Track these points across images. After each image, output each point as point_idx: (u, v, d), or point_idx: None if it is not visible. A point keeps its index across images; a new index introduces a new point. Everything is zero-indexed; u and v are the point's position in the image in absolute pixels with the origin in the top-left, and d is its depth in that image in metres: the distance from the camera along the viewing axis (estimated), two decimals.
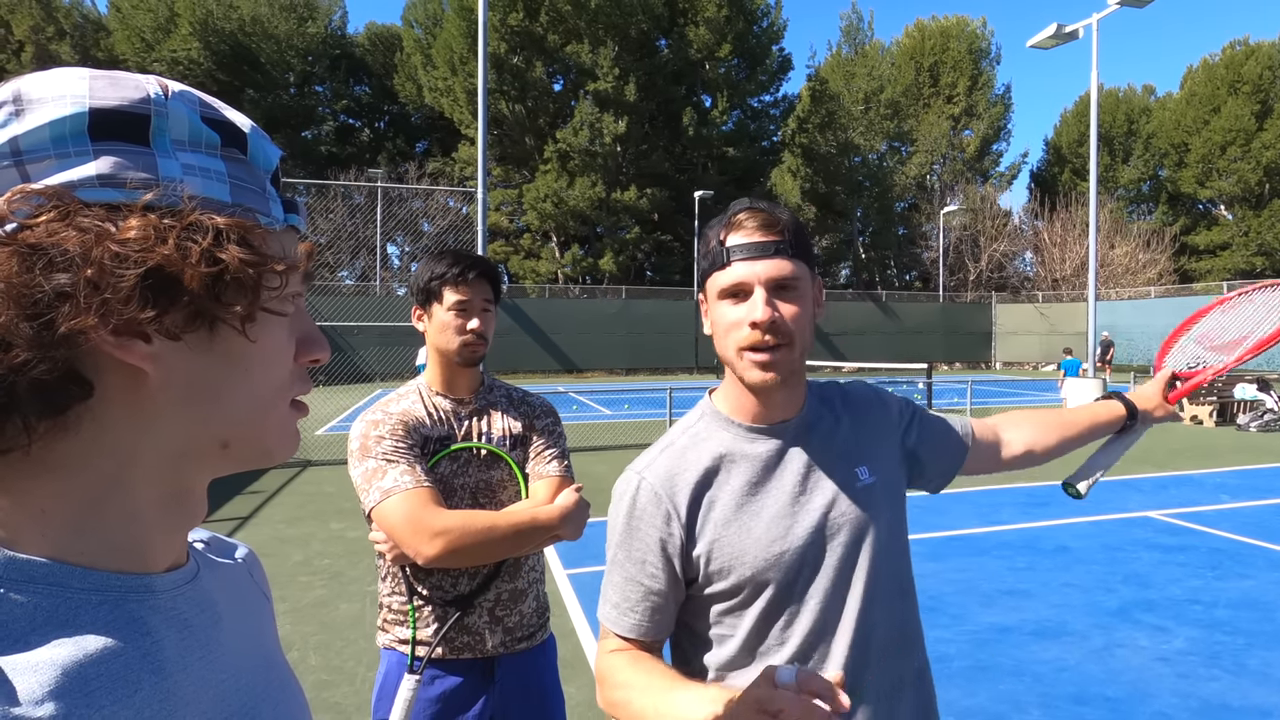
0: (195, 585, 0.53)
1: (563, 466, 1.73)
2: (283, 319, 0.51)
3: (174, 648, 0.48)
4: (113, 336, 0.42)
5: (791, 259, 1.06)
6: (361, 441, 1.58)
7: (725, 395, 1.18)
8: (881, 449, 1.20)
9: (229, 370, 0.48)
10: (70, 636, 0.43)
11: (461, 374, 1.70)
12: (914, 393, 16.67)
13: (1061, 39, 13.56)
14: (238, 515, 6.88)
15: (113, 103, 0.44)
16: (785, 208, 1.13)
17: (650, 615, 1.10)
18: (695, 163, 34.46)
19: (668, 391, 11.48)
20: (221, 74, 32.59)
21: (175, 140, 0.46)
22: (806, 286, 1.08)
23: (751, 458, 1.12)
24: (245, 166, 0.49)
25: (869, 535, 1.12)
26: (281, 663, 0.61)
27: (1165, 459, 9.86)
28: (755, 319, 1.03)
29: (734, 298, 1.07)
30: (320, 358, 0.56)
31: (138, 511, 0.48)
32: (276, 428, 0.53)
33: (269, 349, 0.50)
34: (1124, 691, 3.48)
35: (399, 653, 1.65)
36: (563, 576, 5.11)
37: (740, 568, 1.07)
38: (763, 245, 1.05)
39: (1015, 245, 38.77)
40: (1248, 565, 5.30)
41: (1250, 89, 37.21)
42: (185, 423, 0.48)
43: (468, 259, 1.67)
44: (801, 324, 1.06)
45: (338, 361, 13.97)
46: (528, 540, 1.55)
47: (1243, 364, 1.47)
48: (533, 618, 1.72)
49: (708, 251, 1.11)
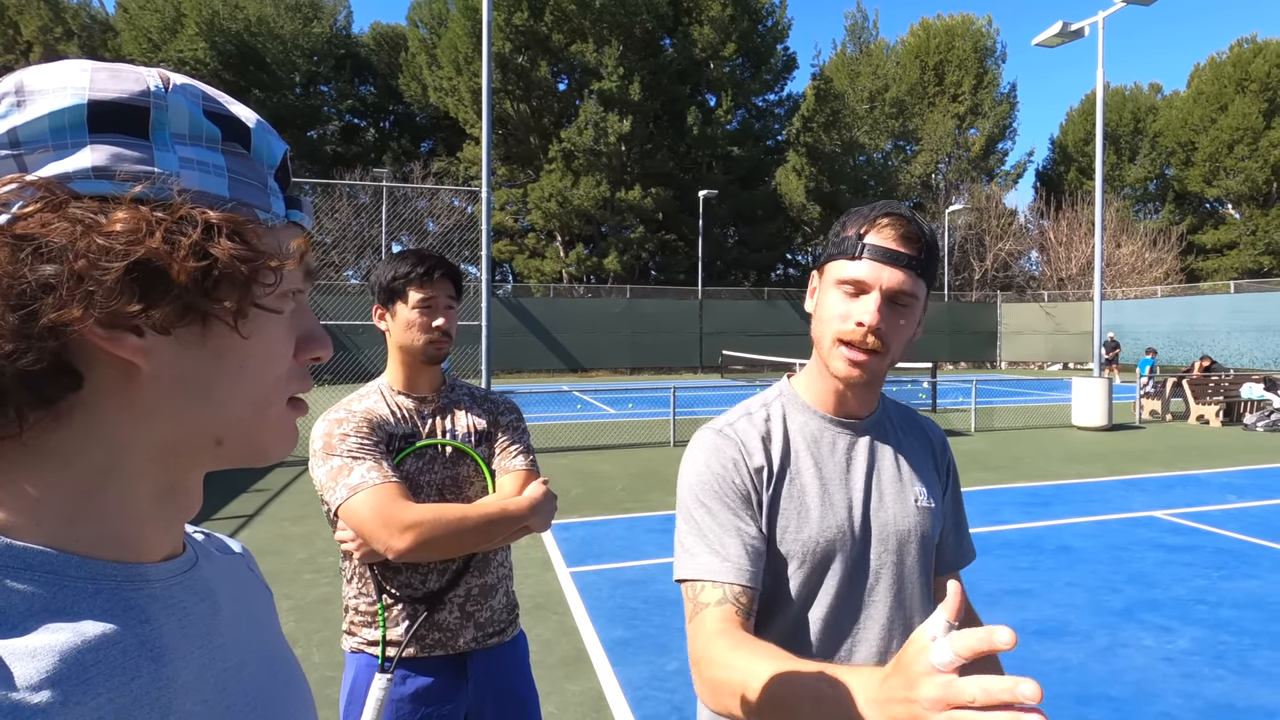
0: (193, 574, 0.53)
1: (529, 461, 1.74)
2: (280, 315, 0.50)
3: (172, 635, 0.48)
4: (102, 329, 0.42)
5: (918, 277, 1.08)
6: (325, 440, 1.58)
7: (806, 382, 1.20)
8: (935, 487, 1.24)
9: (222, 366, 0.48)
10: (68, 623, 0.43)
11: (424, 372, 1.71)
12: (919, 392, 16.63)
13: (1067, 37, 13.51)
14: (242, 513, 6.90)
15: (112, 95, 0.43)
16: (929, 225, 1.14)
17: (755, 560, 1.05)
18: (700, 162, 34.40)
19: (672, 391, 11.49)
20: (227, 74, 32.67)
21: (175, 134, 0.45)
22: (918, 306, 1.11)
23: (823, 441, 1.16)
24: (246, 161, 0.49)
25: (913, 550, 1.16)
26: (286, 654, 0.61)
27: (1171, 458, 9.82)
28: (864, 320, 1.06)
29: (850, 290, 1.09)
30: (321, 355, 0.55)
31: (131, 503, 0.48)
32: (272, 426, 0.52)
33: (265, 346, 0.50)
34: (1128, 691, 3.47)
35: (367, 655, 1.64)
36: (566, 576, 5.12)
37: (789, 544, 1.10)
38: (896, 255, 1.07)
39: (1021, 244, 38.63)
40: (1254, 565, 5.28)
41: (1258, 87, 36.98)
42: (178, 418, 0.47)
43: (431, 258, 1.68)
44: (901, 339, 1.10)
45: (343, 360, 13.99)
46: (498, 531, 1.55)
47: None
48: (503, 613, 1.73)
49: (842, 239, 1.12)
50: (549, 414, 14.26)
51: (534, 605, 4.40)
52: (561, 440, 11.14)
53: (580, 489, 7.92)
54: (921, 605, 1.17)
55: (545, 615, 4.36)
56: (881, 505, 1.15)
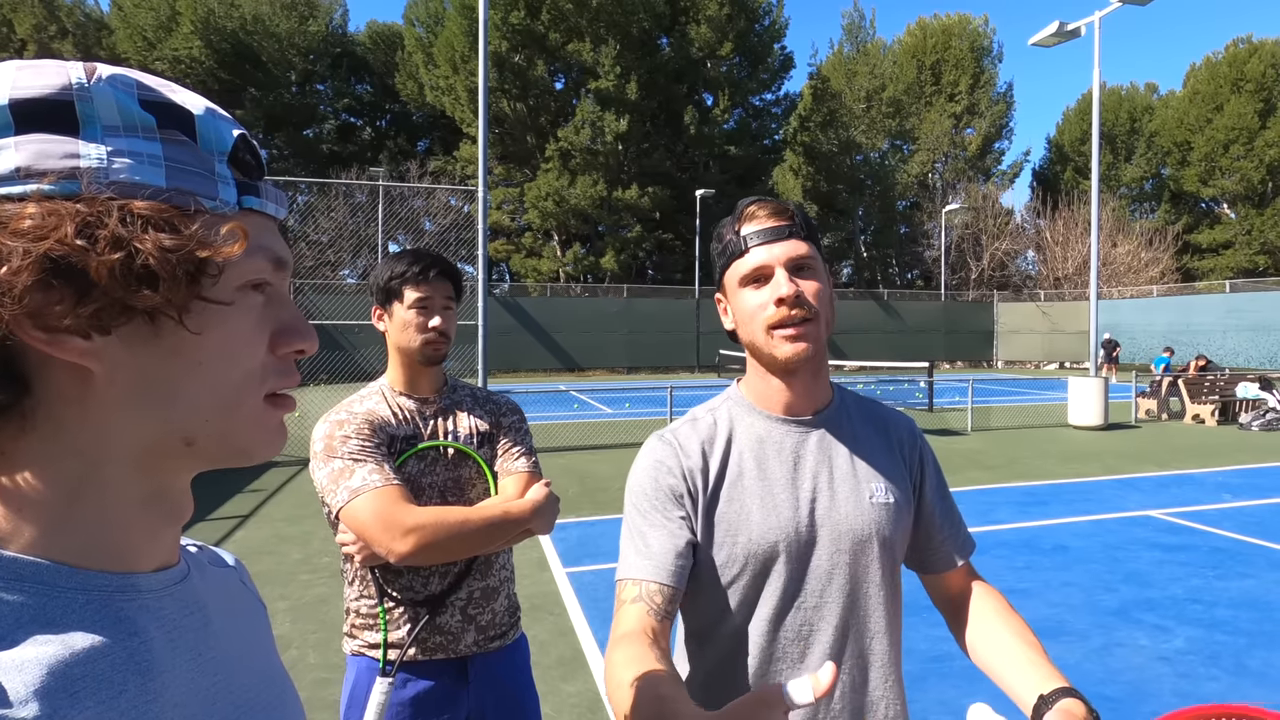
0: (184, 586, 0.52)
1: (531, 463, 1.72)
2: (236, 307, 0.48)
3: (161, 648, 0.47)
4: (42, 333, 0.41)
5: (804, 240, 1.11)
6: (326, 442, 1.56)
7: (751, 387, 1.20)
8: (901, 482, 1.19)
9: (179, 364, 0.46)
10: (56, 635, 0.42)
11: (424, 373, 1.69)
12: (915, 391, 16.65)
13: (1063, 37, 13.53)
14: (238, 513, 6.88)
15: (33, 92, 0.43)
16: (788, 199, 1.18)
17: (675, 558, 1.08)
18: (697, 161, 34.41)
19: (669, 390, 11.48)
20: (223, 72, 32.59)
21: (107, 125, 0.44)
22: (820, 265, 1.13)
23: (769, 442, 1.15)
24: (189, 148, 0.46)
25: (870, 550, 1.13)
26: (278, 669, 0.60)
27: (1166, 458, 9.85)
28: (781, 295, 1.07)
29: (755, 283, 1.11)
30: (303, 348, 0.52)
31: (115, 510, 0.47)
32: (247, 424, 0.50)
33: (223, 340, 0.47)
34: (1124, 691, 3.47)
35: (368, 658, 1.62)
36: (562, 576, 5.11)
37: (731, 547, 1.10)
38: (776, 229, 1.10)
39: (1017, 244, 38.69)
40: (1249, 565, 5.29)
41: (1253, 87, 37.08)
42: (142, 420, 0.46)
43: (428, 257, 1.66)
44: (823, 299, 1.11)
45: (340, 360, 13.97)
46: (501, 534, 1.54)
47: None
48: (505, 616, 1.71)
49: (724, 247, 1.15)
50: (546, 414, 14.25)
51: (530, 606, 4.40)
52: (558, 440, 11.13)
53: (577, 489, 7.91)
54: (880, 605, 1.13)
55: (541, 616, 4.35)
56: (833, 504, 1.12)
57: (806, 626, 1.10)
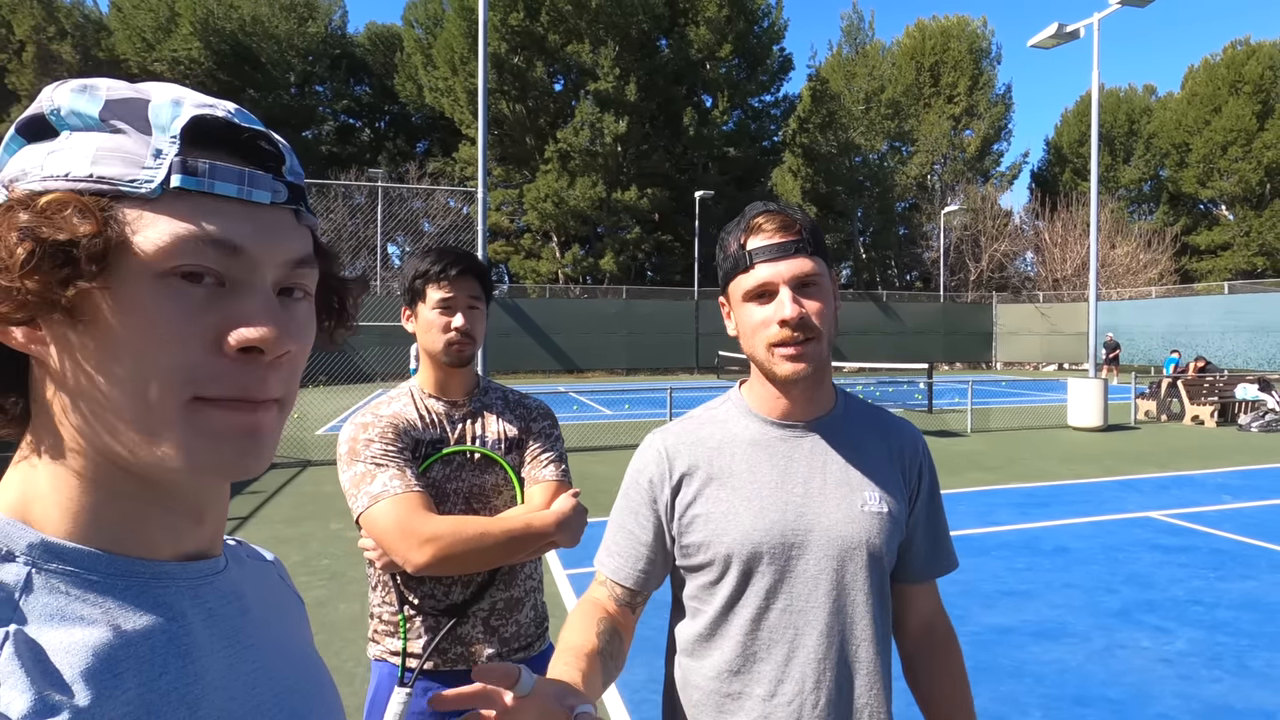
0: (223, 576, 0.53)
1: (560, 471, 1.65)
2: (163, 298, 0.44)
3: (201, 633, 0.48)
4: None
5: (811, 256, 1.09)
6: (350, 445, 1.54)
7: (751, 390, 1.21)
8: (898, 492, 1.19)
9: (103, 357, 0.44)
10: (102, 617, 0.43)
11: (453, 375, 1.64)
12: (915, 393, 16.65)
13: (1062, 39, 13.54)
14: (237, 515, 6.86)
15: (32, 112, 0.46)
16: (799, 208, 1.16)
17: (635, 563, 1.16)
18: (696, 163, 34.40)
19: (668, 392, 11.46)
20: (222, 74, 32.56)
21: (73, 128, 0.45)
22: (826, 282, 1.12)
23: (761, 445, 1.15)
24: (125, 135, 0.45)
25: (858, 558, 1.12)
26: (316, 660, 0.61)
27: (1166, 459, 9.85)
28: (784, 317, 1.07)
29: (759, 299, 1.10)
30: (253, 338, 0.45)
31: (127, 505, 0.47)
32: (177, 430, 0.45)
33: (142, 331, 0.43)
34: (1125, 693, 3.46)
35: (390, 664, 1.59)
36: (562, 578, 5.10)
37: (716, 547, 1.11)
38: (783, 246, 1.08)
39: (1016, 245, 38.69)
40: (1250, 566, 5.28)
41: (1251, 89, 37.14)
42: (86, 421, 0.46)
43: (451, 254, 1.61)
44: (826, 318, 1.10)
45: (337, 361, 13.94)
46: (522, 547, 1.48)
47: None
48: (530, 627, 1.66)
49: (728, 256, 1.14)
50: None
51: None
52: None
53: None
54: (867, 614, 1.12)
55: None
56: (824, 510, 1.12)
57: (791, 629, 1.10)
